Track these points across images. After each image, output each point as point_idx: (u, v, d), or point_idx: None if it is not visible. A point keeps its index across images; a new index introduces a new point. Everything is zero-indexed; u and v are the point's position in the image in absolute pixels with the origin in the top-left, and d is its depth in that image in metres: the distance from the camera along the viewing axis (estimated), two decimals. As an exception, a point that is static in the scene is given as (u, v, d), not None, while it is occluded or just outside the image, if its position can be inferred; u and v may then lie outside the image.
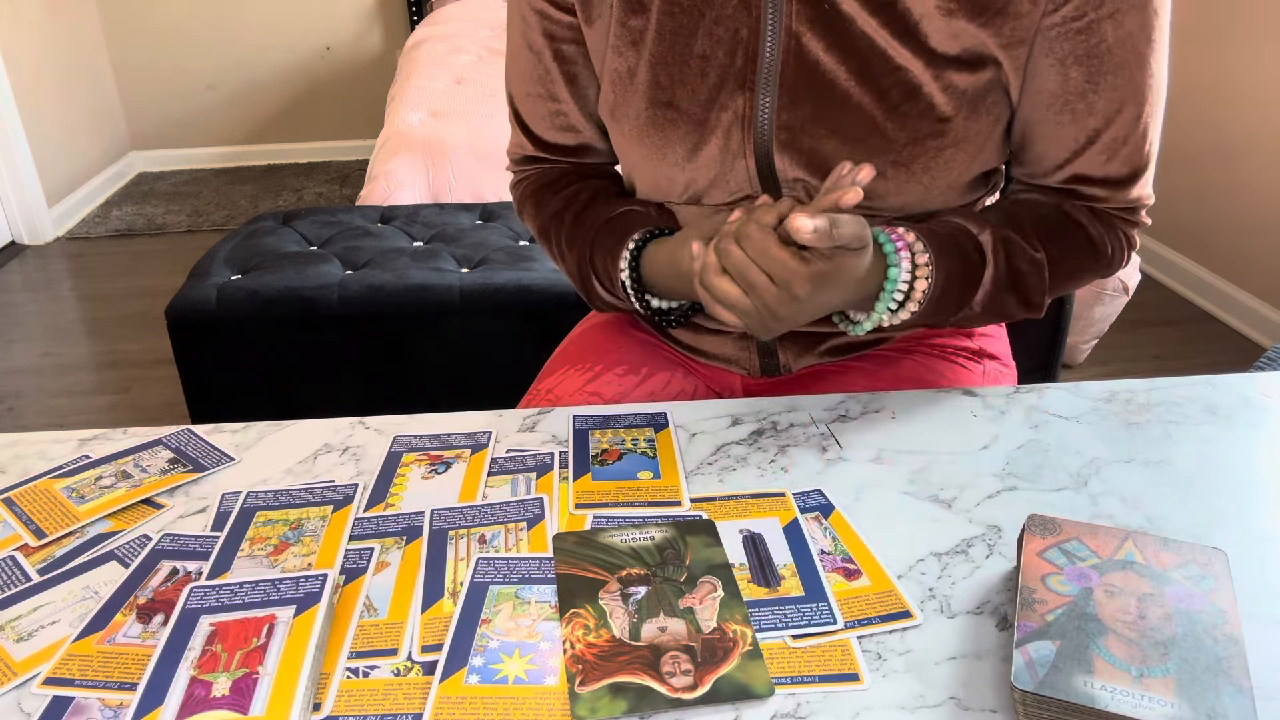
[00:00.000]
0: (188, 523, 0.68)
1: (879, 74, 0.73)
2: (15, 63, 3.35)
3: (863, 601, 0.59)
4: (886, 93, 0.73)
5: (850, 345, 0.90)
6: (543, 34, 0.83)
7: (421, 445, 0.76)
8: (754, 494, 0.69)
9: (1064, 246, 0.79)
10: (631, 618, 0.57)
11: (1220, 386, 0.82)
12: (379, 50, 4.20)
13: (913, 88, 0.73)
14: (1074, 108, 0.75)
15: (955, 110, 0.74)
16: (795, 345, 0.89)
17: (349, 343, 1.83)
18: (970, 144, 0.75)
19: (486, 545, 0.64)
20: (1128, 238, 0.82)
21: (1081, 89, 0.74)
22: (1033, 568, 0.57)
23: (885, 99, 0.73)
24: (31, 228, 3.46)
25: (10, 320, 2.88)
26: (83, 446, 0.76)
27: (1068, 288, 0.83)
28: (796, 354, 0.90)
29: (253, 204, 3.79)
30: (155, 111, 4.17)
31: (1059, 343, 1.30)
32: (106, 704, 0.53)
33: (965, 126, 0.75)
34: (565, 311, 1.80)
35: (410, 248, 1.98)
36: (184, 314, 1.80)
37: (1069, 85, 0.74)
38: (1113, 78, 0.73)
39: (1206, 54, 2.65)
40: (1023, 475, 0.71)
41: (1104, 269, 0.82)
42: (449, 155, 2.37)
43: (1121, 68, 0.73)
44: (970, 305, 0.77)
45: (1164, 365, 2.47)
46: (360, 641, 0.57)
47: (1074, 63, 0.72)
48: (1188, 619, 0.53)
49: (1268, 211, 2.51)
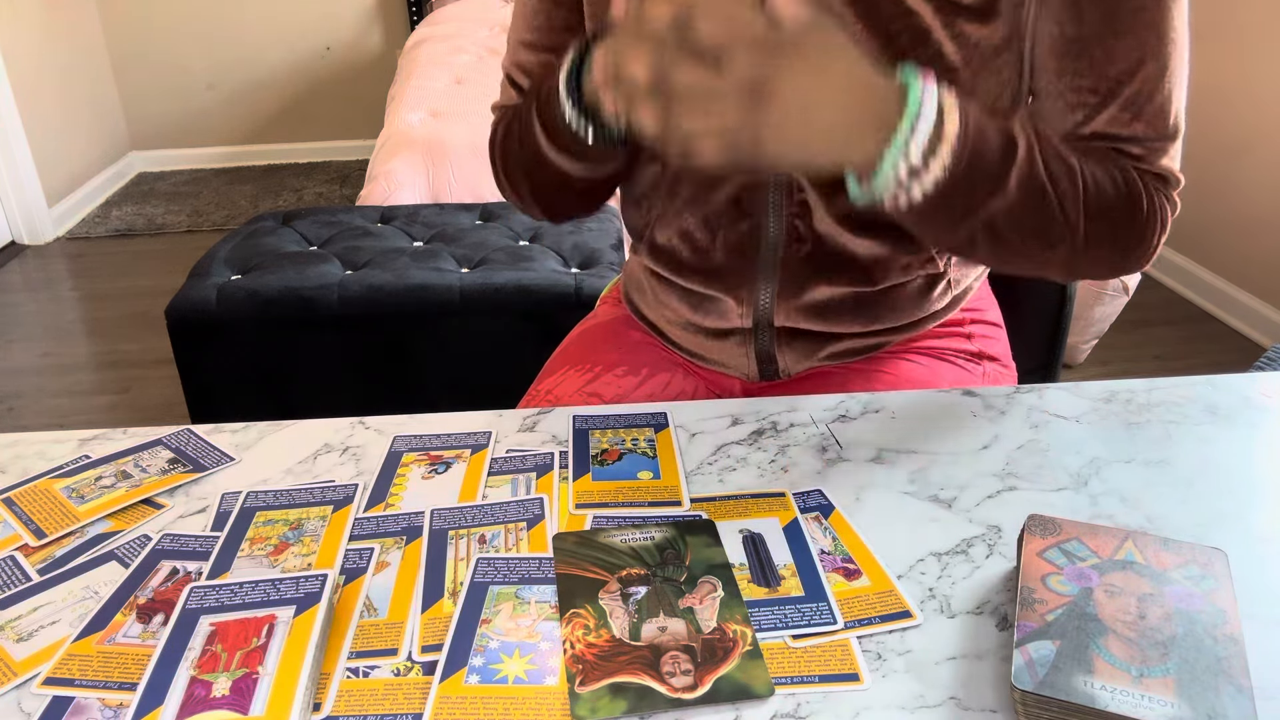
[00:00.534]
0: (188, 523, 0.68)
1: (888, 18, 0.71)
2: (15, 63, 3.35)
3: (863, 601, 0.59)
4: (894, 38, 0.71)
5: (850, 350, 0.89)
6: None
7: (421, 445, 0.76)
8: (754, 494, 0.69)
9: (1096, 166, 0.70)
10: (631, 618, 0.57)
11: (1220, 386, 0.82)
12: (379, 50, 4.21)
13: (921, 33, 0.71)
14: (1092, 55, 0.70)
15: (964, 63, 0.71)
16: (794, 352, 0.89)
17: (349, 343, 1.83)
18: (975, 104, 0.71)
19: (486, 545, 0.64)
20: (1163, 207, 0.74)
21: (1099, 32, 0.69)
22: (1033, 568, 0.57)
23: (893, 44, 0.71)
24: (31, 228, 3.46)
25: (10, 320, 2.88)
26: (83, 446, 0.76)
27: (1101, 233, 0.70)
28: (796, 359, 0.90)
29: (253, 204, 3.79)
30: (155, 111, 4.17)
31: (1059, 343, 1.30)
32: (106, 704, 0.53)
33: (972, 82, 0.72)
34: (565, 311, 1.80)
35: (410, 248, 1.98)
36: (184, 314, 1.80)
37: (1084, 28, 0.69)
38: (1133, 21, 0.68)
39: (1206, 54, 2.65)
40: (1023, 475, 0.71)
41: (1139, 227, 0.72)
42: (449, 155, 2.37)
43: (1141, 10, 0.68)
44: (1005, 187, 0.64)
45: (1164, 365, 2.47)
46: (360, 641, 0.57)
47: (1090, 4, 0.69)
48: (1188, 619, 0.53)
49: (1268, 211, 2.51)
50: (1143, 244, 0.74)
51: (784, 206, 0.81)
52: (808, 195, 0.80)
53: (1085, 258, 0.72)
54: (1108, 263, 0.74)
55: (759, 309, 0.87)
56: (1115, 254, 0.73)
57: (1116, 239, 0.72)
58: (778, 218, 0.82)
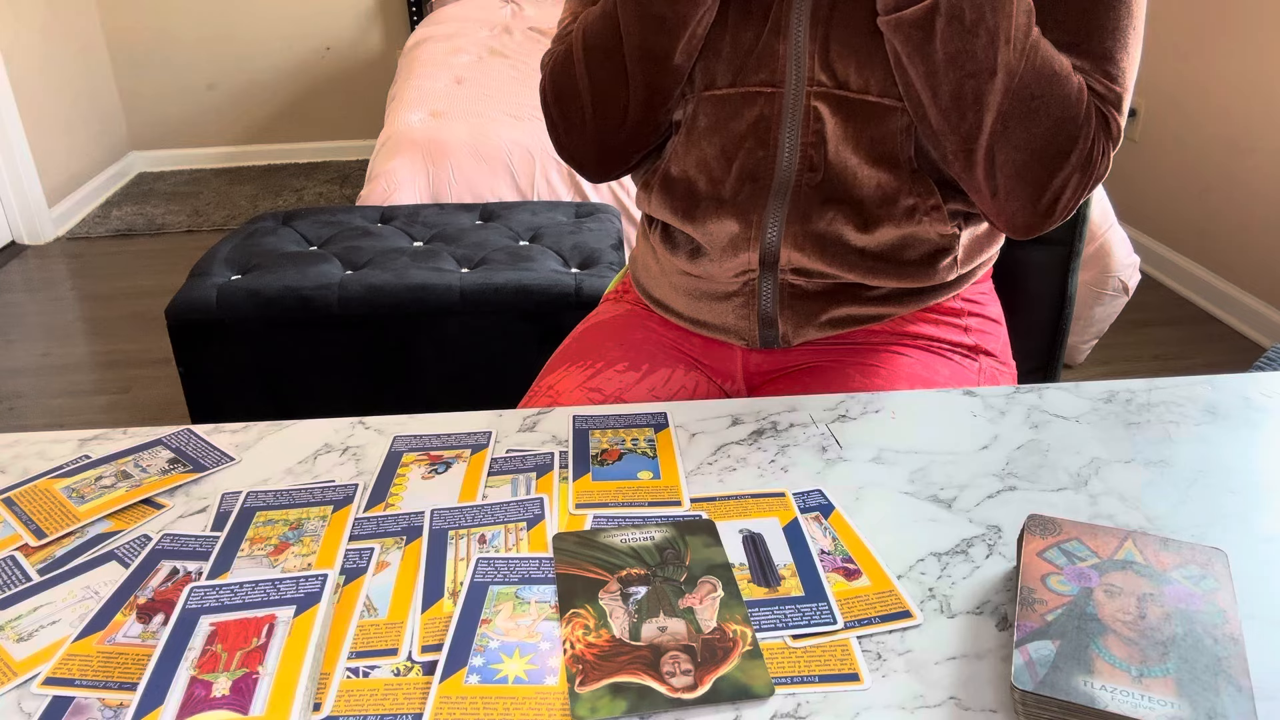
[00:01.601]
0: (188, 523, 0.68)
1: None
2: (15, 63, 3.35)
3: (863, 601, 0.59)
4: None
5: (850, 317, 0.90)
6: None
7: (421, 445, 0.76)
8: (754, 494, 0.69)
9: (1043, 42, 0.76)
10: (631, 618, 0.57)
11: (1220, 386, 0.82)
12: (379, 50, 4.20)
13: None
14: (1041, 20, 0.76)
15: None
16: (795, 315, 0.90)
17: (349, 343, 1.83)
18: None
19: (486, 545, 0.64)
20: (1100, 127, 0.78)
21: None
22: (1033, 568, 0.57)
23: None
24: (31, 228, 3.46)
25: (10, 320, 2.88)
26: (83, 446, 0.76)
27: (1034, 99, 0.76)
28: (796, 324, 0.90)
29: (253, 204, 3.79)
30: (155, 111, 4.17)
31: (1059, 343, 1.30)
32: (106, 704, 0.53)
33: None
34: (565, 311, 1.80)
35: (410, 248, 1.98)
36: (184, 314, 1.80)
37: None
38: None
39: (1207, 53, 2.65)
40: (1023, 475, 0.71)
41: (1079, 117, 0.77)
42: (449, 155, 2.37)
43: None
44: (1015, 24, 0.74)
45: (1164, 365, 2.47)
46: (360, 641, 0.57)
47: None
48: (1188, 619, 0.53)
49: (1268, 211, 2.51)
50: (1066, 159, 0.78)
51: (800, 135, 0.84)
52: (825, 124, 0.83)
53: (1014, 117, 0.76)
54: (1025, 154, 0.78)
55: (766, 240, 0.87)
56: (1037, 142, 0.77)
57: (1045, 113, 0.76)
58: (793, 145, 0.84)
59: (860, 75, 0.81)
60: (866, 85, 0.81)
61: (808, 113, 0.83)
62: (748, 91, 0.85)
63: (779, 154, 0.85)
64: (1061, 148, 0.77)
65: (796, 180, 0.85)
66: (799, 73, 0.83)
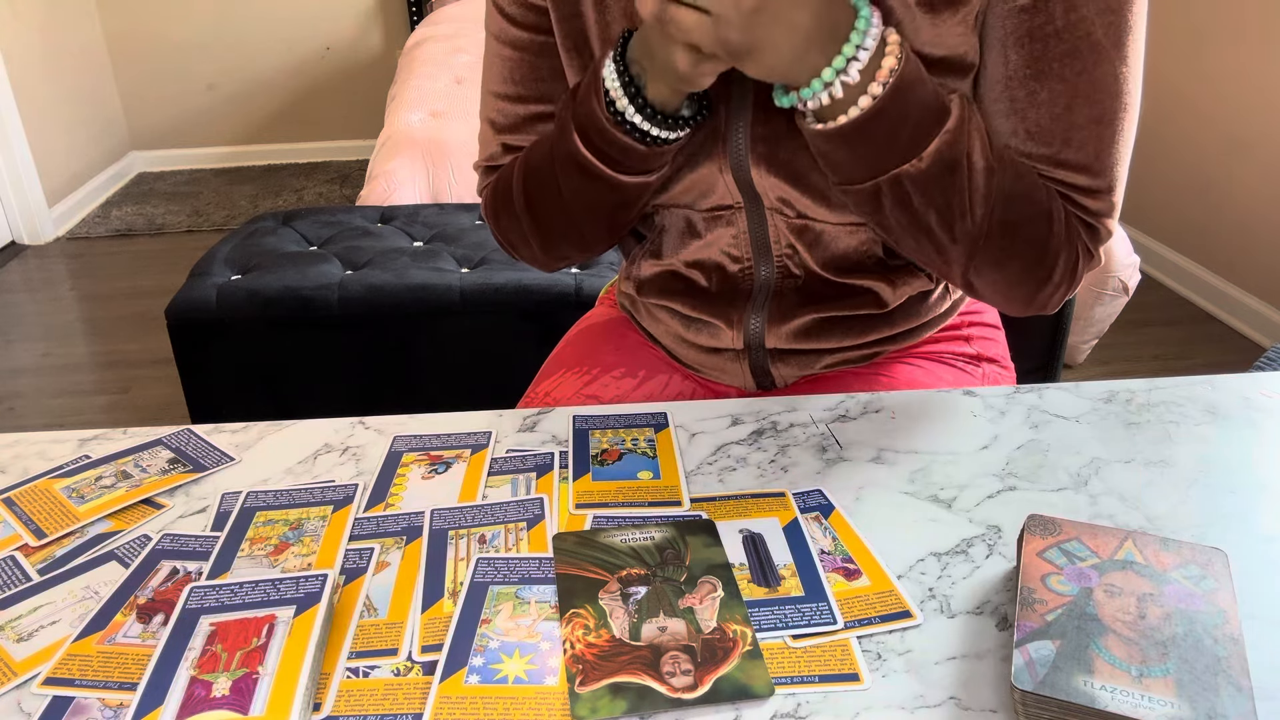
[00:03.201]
0: (188, 523, 0.68)
1: None
2: (15, 63, 3.36)
3: (863, 601, 0.59)
4: None
5: (846, 361, 0.89)
6: (520, 27, 0.78)
7: (421, 445, 0.76)
8: (754, 494, 0.69)
9: (1025, 179, 0.69)
10: (631, 618, 0.57)
11: (1220, 386, 0.82)
12: (379, 50, 4.21)
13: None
14: (1013, 95, 0.67)
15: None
16: (790, 364, 0.89)
17: (349, 343, 1.83)
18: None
19: (486, 545, 0.64)
20: (1084, 239, 0.72)
21: (1021, 75, 0.66)
22: (1033, 568, 0.57)
23: None
24: (31, 228, 3.46)
25: (10, 320, 2.88)
26: (83, 446, 0.76)
27: (1004, 245, 0.69)
28: (792, 372, 0.90)
29: (253, 204, 3.80)
30: (155, 111, 4.17)
31: (1060, 343, 1.30)
32: (106, 704, 0.53)
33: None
34: (565, 311, 1.80)
35: (410, 248, 1.98)
36: (184, 314, 1.80)
37: (1009, 69, 0.67)
38: (1060, 66, 0.66)
39: (1207, 53, 2.65)
40: (1023, 475, 0.71)
41: (1047, 257, 0.71)
42: (449, 155, 2.37)
43: (1071, 56, 0.65)
44: (924, 148, 0.64)
45: (1164, 365, 2.47)
46: (360, 641, 0.57)
47: (1014, 44, 0.66)
48: (1188, 619, 0.53)
49: (1268, 211, 2.51)
50: (1046, 281, 0.72)
51: (773, 250, 0.82)
52: (796, 247, 0.81)
53: (984, 265, 0.71)
54: (1003, 286, 0.73)
55: (750, 333, 0.87)
56: (1012, 277, 0.72)
57: (1015, 256, 0.70)
58: (768, 264, 0.83)
59: (815, 204, 0.76)
60: (823, 213, 0.77)
61: (776, 232, 0.80)
62: (709, 215, 0.81)
63: (756, 270, 0.83)
64: (1040, 276, 0.72)
65: (778, 286, 0.84)
66: (754, 197, 0.78)
